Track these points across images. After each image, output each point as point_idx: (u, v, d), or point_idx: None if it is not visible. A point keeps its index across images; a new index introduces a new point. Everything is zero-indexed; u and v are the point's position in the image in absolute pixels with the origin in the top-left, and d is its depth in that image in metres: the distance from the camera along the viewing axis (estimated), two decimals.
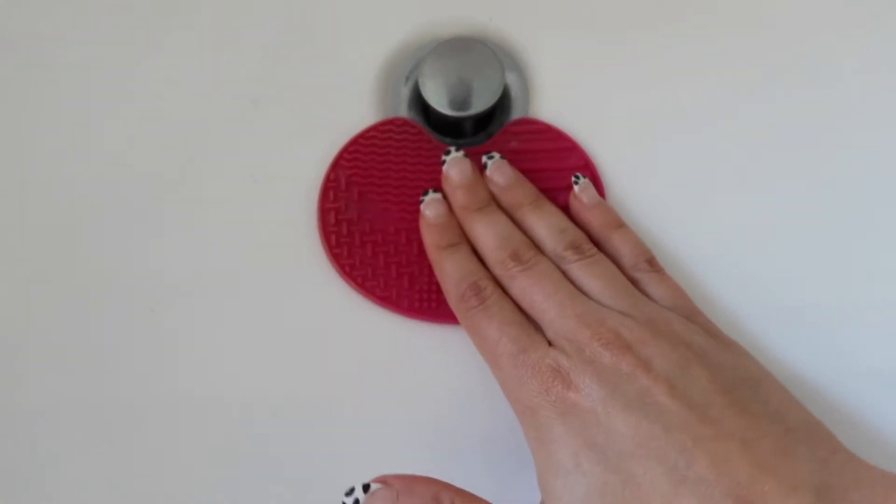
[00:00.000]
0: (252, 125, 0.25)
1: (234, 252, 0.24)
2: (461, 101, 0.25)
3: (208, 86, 0.26)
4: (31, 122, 0.25)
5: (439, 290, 0.23)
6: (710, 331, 0.21)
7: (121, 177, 0.25)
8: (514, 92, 0.27)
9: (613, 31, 0.27)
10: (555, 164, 0.25)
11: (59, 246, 0.24)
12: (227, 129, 0.25)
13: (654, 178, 0.25)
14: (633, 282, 0.22)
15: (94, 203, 0.24)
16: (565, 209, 0.24)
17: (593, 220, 0.23)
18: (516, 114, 0.26)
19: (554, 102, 0.26)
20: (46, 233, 0.24)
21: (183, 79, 0.26)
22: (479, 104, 0.25)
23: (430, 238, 0.23)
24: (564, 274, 0.22)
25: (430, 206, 0.24)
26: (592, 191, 0.24)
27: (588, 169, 0.25)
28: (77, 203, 0.24)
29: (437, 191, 0.24)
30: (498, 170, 0.24)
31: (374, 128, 0.25)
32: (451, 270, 0.22)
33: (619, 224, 0.24)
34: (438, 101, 0.25)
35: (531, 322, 0.21)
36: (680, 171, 0.25)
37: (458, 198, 0.24)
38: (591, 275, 0.22)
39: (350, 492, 0.18)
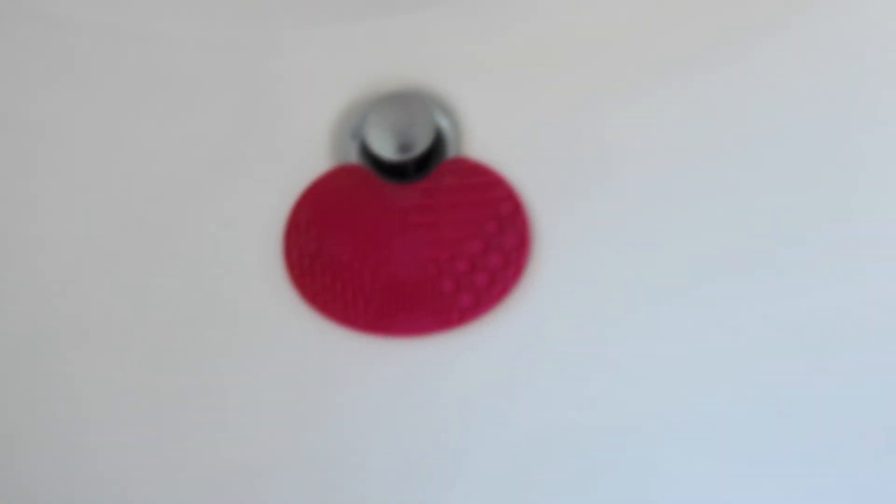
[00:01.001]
0: (223, 178, 0.30)
1: (212, 286, 0.28)
2: (402, 147, 0.30)
3: (180, 142, 0.30)
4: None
5: (390, 310, 0.28)
6: None
7: (87, 229, 0.29)
8: (448, 136, 0.31)
9: (533, 78, 0.31)
10: (483, 195, 0.30)
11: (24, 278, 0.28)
12: (200, 181, 0.30)
13: (577, 202, 0.30)
14: None
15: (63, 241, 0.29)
16: (490, 236, 0.29)
17: None
18: (450, 154, 0.31)
19: (483, 143, 0.31)
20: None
21: (155, 134, 0.30)
22: (418, 148, 0.30)
23: None
24: None
25: None
26: None
27: (511, 199, 0.29)
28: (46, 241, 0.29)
29: None
30: None
31: (328, 174, 0.30)
32: None
33: None
34: (382, 148, 0.30)
35: None
36: (601, 200, 0.30)
37: None
38: None
39: None
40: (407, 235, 0.29)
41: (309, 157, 0.30)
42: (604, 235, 0.29)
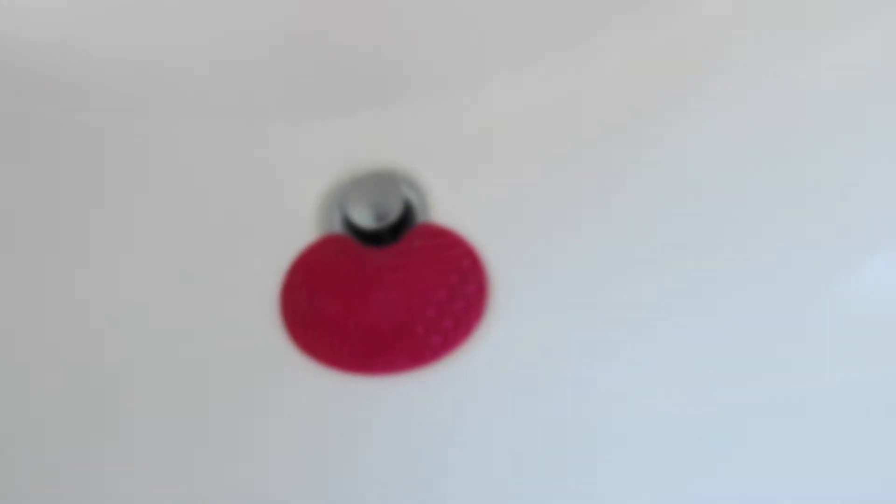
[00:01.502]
0: (228, 248, 0.35)
1: (220, 338, 0.33)
2: (378, 217, 0.36)
3: (190, 220, 0.36)
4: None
5: (372, 352, 0.33)
6: None
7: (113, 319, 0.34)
8: (416, 206, 0.37)
9: (484, 155, 0.38)
10: (447, 254, 0.35)
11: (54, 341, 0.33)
12: (208, 252, 0.35)
13: (525, 255, 0.35)
14: None
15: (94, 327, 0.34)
16: (454, 286, 0.34)
17: None
18: (418, 221, 0.37)
19: (445, 211, 0.37)
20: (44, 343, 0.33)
21: (168, 215, 0.36)
22: (391, 218, 0.35)
23: None
24: None
25: None
26: None
27: (470, 255, 0.35)
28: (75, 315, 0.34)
29: None
30: None
31: (316, 242, 0.35)
32: None
33: None
34: (361, 219, 0.35)
35: None
36: (546, 254, 0.35)
37: None
38: None
39: None
40: (384, 290, 0.34)
41: (300, 229, 0.36)
42: (548, 282, 0.34)
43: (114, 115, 0.36)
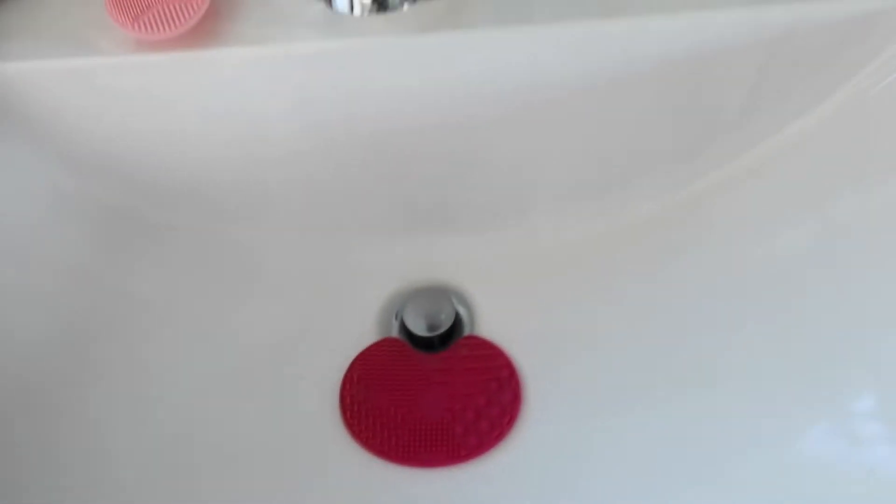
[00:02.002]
0: (298, 343, 0.41)
1: (285, 423, 0.38)
2: (430, 327, 0.41)
3: (266, 316, 0.42)
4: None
5: (416, 446, 0.37)
6: None
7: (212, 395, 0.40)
8: (465, 320, 0.42)
9: (528, 279, 0.43)
10: (488, 363, 0.40)
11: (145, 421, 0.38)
12: (280, 345, 0.41)
13: (559, 369, 0.40)
14: None
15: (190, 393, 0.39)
16: (491, 393, 0.39)
17: None
18: (465, 333, 0.42)
19: (490, 326, 0.42)
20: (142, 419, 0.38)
21: (248, 310, 0.42)
22: (442, 328, 0.41)
23: None
24: None
25: None
26: None
27: (508, 366, 0.40)
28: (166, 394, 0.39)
29: None
30: None
31: (375, 344, 0.41)
32: None
33: None
34: (416, 327, 0.41)
35: None
36: (577, 370, 0.40)
37: None
38: None
39: None
40: (431, 391, 0.39)
41: (362, 331, 0.41)
42: (576, 394, 0.39)
43: (226, 223, 0.43)
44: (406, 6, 0.31)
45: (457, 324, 0.41)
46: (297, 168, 0.39)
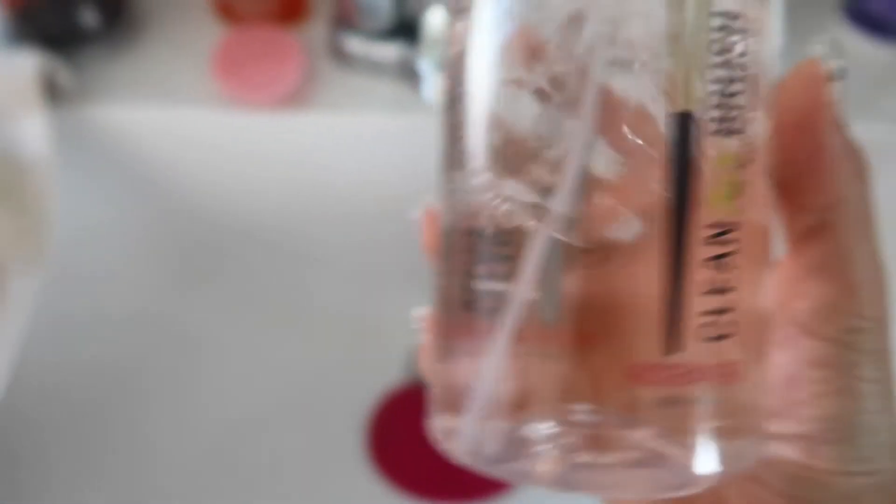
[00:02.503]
0: (335, 381, 0.45)
1: (316, 452, 0.42)
2: None
3: (307, 357, 0.46)
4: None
5: (436, 481, 0.41)
6: None
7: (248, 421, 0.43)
8: None
9: None
10: None
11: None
12: (319, 381, 0.45)
13: None
14: None
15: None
16: None
17: None
18: None
19: None
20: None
21: (288, 350, 0.46)
22: None
23: None
24: None
25: None
26: None
27: None
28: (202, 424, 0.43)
29: None
30: None
31: (403, 383, 0.45)
32: None
33: None
34: None
35: None
36: None
37: None
38: None
39: None
40: None
41: (391, 372, 0.45)
42: None
43: (279, 267, 0.47)
44: None
45: None
46: (355, 225, 0.43)
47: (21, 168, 0.36)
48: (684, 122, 0.13)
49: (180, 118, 0.40)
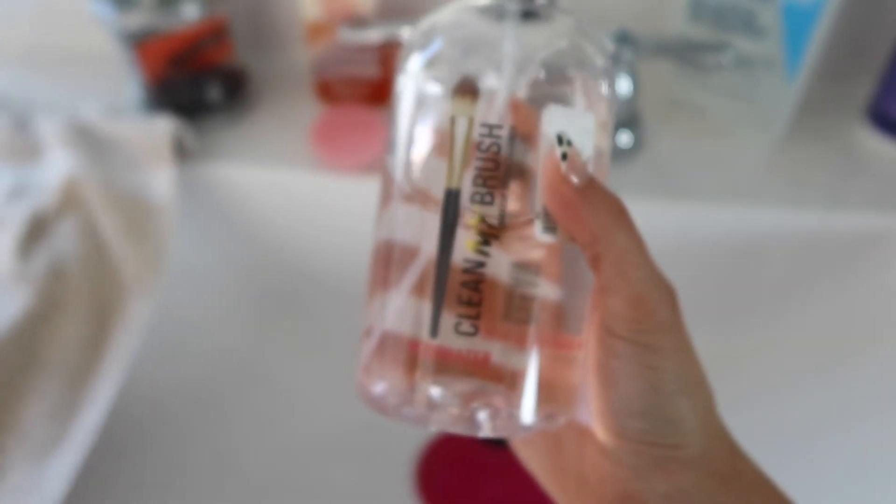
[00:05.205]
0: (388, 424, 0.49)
1: (365, 491, 0.46)
2: None
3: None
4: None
5: None
6: None
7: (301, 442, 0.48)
8: None
9: None
10: None
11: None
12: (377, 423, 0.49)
13: None
14: None
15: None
16: None
17: None
18: None
19: None
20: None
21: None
22: None
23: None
24: None
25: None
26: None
27: None
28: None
29: None
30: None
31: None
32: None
33: None
34: None
35: None
36: None
37: None
38: None
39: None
40: (494, 478, 0.47)
41: None
42: None
43: (346, 312, 0.53)
44: None
45: None
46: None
47: (150, 210, 0.43)
48: (450, 194, 0.20)
49: (281, 179, 0.47)
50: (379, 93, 0.51)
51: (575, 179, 0.20)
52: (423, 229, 0.21)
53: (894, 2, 0.48)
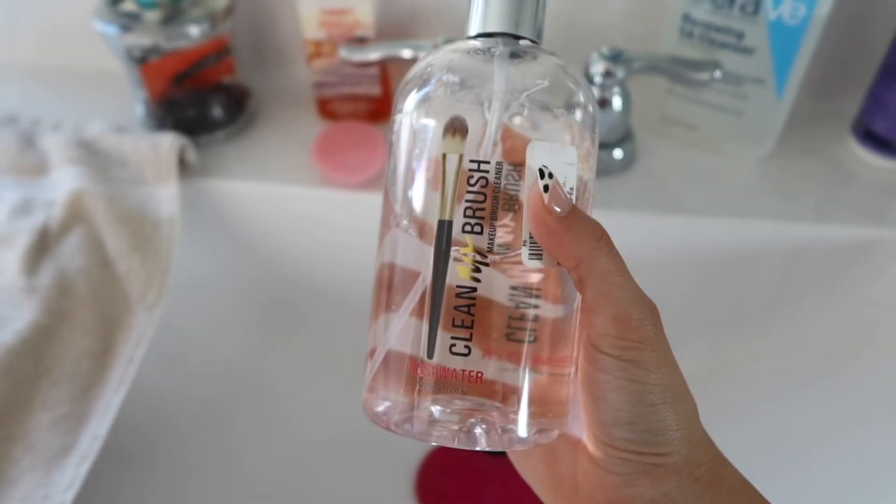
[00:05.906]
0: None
1: (367, 496, 0.46)
2: None
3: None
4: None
5: None
6: None
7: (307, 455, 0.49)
8: None
9: None
10: None
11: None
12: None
13: None
14: None
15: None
16: None
17: None
18: None
19: None
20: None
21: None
22: None
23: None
24: None
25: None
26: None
27: None
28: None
29: None
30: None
31: None
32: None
33: None
34: None
35: None
36: None
37: None
38: None
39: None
40: (492, 485, 0.48)
41: None
42: None
43: (347, 325, 0.54)
44: None
45: None
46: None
47: (155, 223, 0.44)
48: (443, 225, 0.22)
49: (283, 194, 0.48)
50: (379, 109, 0.52)
51: (557, 209, 0.22)
52: (420, 256, 0.22)
53: (879, 21, 0.49)
